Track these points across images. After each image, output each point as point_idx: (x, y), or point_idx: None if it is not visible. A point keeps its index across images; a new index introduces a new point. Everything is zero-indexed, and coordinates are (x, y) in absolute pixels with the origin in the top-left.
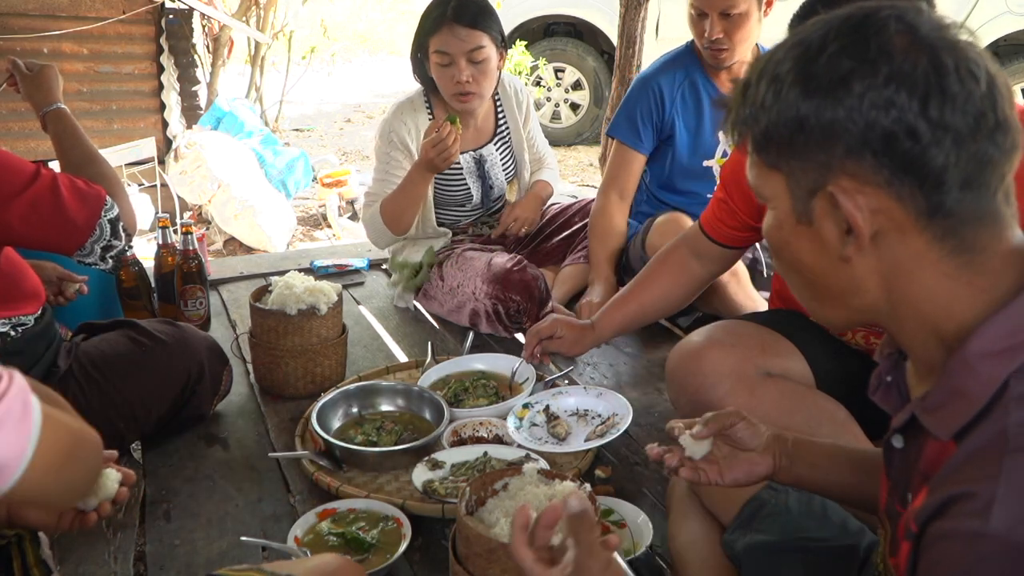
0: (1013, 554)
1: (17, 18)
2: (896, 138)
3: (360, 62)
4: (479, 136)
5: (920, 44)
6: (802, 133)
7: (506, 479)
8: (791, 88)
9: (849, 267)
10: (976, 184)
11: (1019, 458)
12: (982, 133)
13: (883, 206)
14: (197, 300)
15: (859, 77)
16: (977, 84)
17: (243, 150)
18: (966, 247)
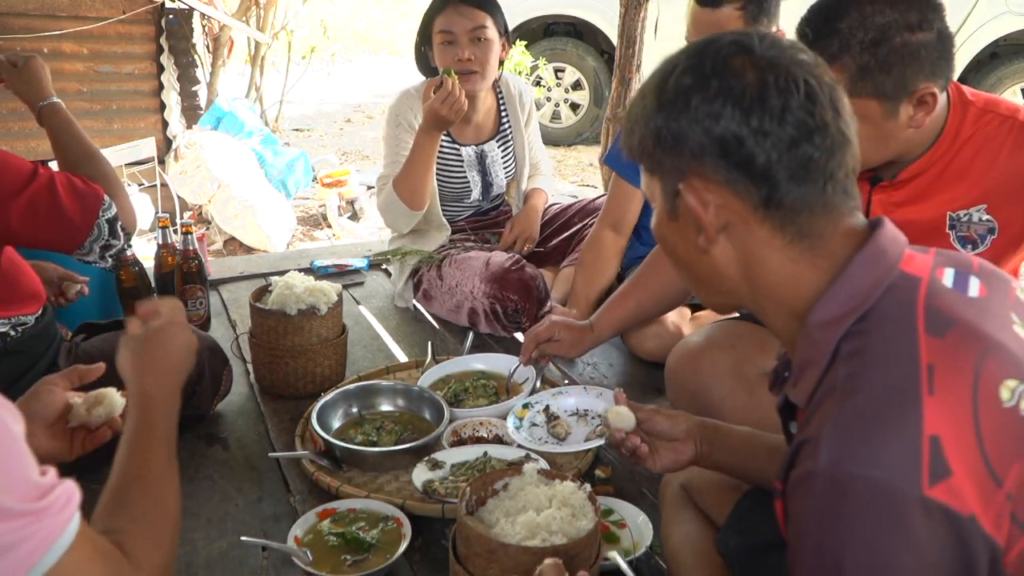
0: (837, 487)
1: (17, 18)
2: (727, 143)
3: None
4: (480, 132)
5: (749, 63)
6: (660, 142)
7: (506, 479)
8: (650, 103)
9: (709, 256)
10: (802, 179)
11: (843, 403)
12: (802, 136)
13: (725, 201)
14: (197, 300)
15: (695, 92)
16: (796, 95)
17: (243, 150)
18: (804, 234)
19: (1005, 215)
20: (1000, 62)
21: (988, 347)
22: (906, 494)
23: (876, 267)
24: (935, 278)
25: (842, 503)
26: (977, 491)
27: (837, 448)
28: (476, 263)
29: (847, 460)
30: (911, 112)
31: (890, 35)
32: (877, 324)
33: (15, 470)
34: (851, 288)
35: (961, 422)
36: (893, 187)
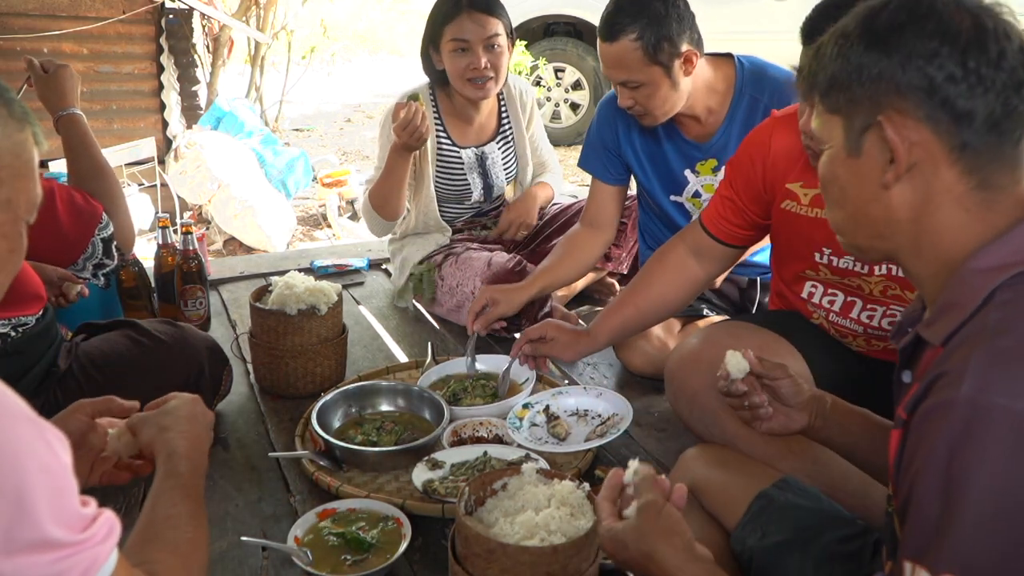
0: (978, 413)
1: (17, 18)
2: (938, 82)
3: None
4: (482, 133)
5: (965, 8)
6: (860, 75)
7: (506, 479)
8: (856, 42)
9: (887, 196)
10: (1002, 129)
11: (992, 342)
12: (1011, 86)
13: (922, 138)
14: (197, 300)
15: (911, 29)
16: (1010, 44)
17: (243, 150)
18: (986, 184)
19: None
20: None
21: None
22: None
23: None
24: None
25: (981, 428)
26: None
27: (982, 379)
28: (478, 264)
29: (991, 390)
30: None
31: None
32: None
33: (63, 501)
34: (1018, 243)
35: None
36: None
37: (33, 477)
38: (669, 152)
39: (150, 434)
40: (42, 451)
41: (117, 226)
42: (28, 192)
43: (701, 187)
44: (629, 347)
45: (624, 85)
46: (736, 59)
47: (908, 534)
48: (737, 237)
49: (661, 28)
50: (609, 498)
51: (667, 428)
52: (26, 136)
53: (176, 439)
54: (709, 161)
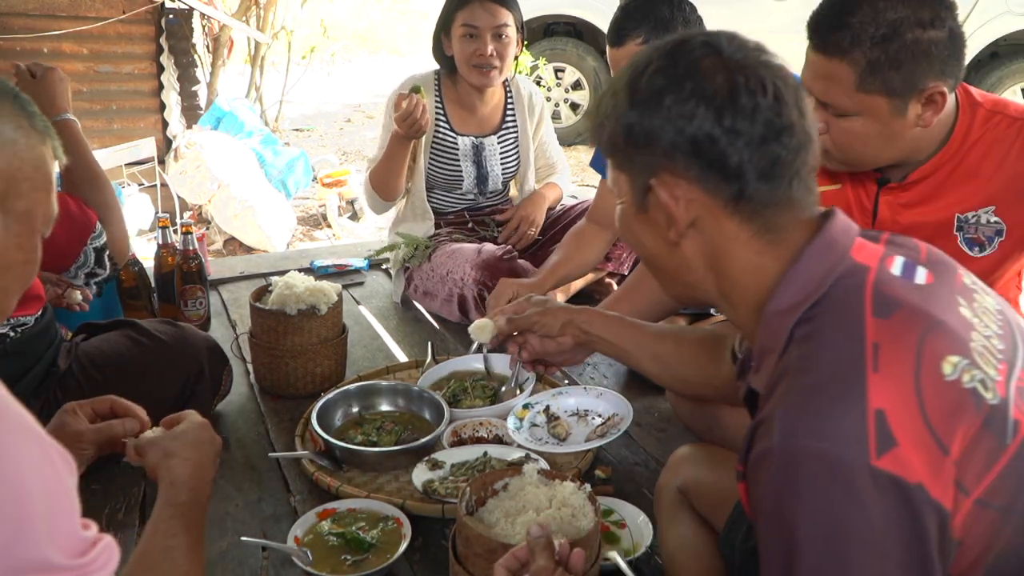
0: (790, 461)
1: (17, 18)
2: (700, 142)
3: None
4: (482, 124)
5: (720, 65)
6: (632, 138)
7: (506, 479)
8: (622, 101)
9: (679, 249)
10: (770, 177)
11: (793, 382)
12: (771, 136)
13: (696, 197)
14: (197, 300)
15: (668, 92)
16: (764, 96)
17: (243, 150)
18: (769, 227)
19: (1013, 217)
20: (1000, 62)
21: (931, 326)
22: (855, 464)
23: (827, 257)
24: (884, 267)
25: (795, 475)
26: (924, 460)
27: (789, 424)
28: (468, 251)
29: (798, 434)
30: (919, 111)
31: (901, 31)
32: (827, 309)
33: (65, 524)
34: (804, 277)
35: (905, 396)
36: (901, 188)
37: (34, 497)
38: None
39: (155, 458)
40: (46, 471)
41: (111, 235)
42: (46, 205)
43: None
44: None
45: None
46: None
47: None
48: None
49: (667, 31)
50: (507, 566)
51: (667, 428)
52: (47, 149)
53: (179, 467)
54: None
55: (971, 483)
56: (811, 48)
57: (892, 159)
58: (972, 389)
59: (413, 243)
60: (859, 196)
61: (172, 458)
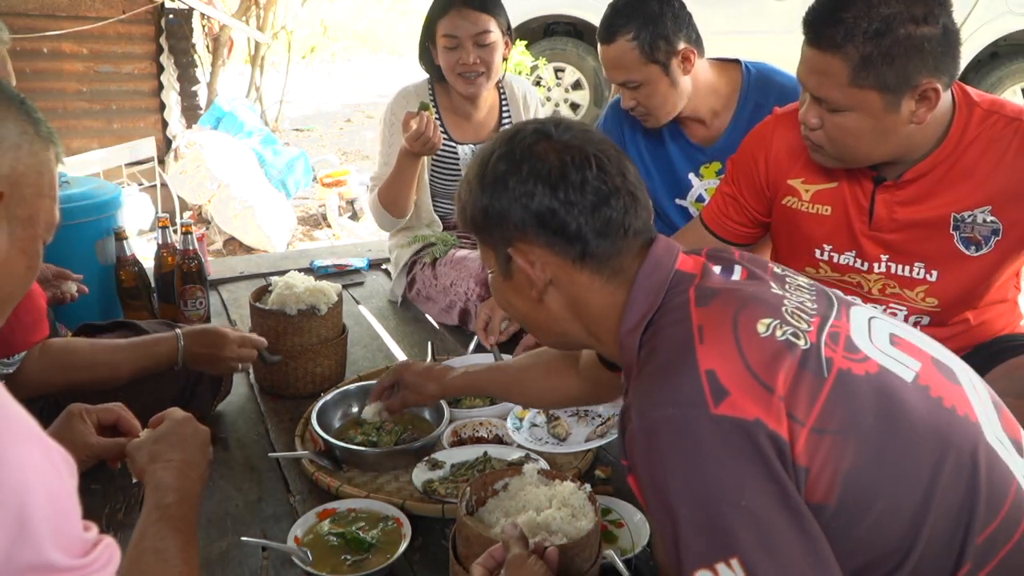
0: (648, 432)
1: (17, 18)
2: (542, 214)
3: (360, 62)
4: (479, 130)
5: (550, 147)
6: (487, 218)
7: (506, 479)
8: (475, 187)
9: (543, 305)
10: (606, 234)
11: (641, 373)
12: (600, 201)
13: (549, 259)
14: (197, 300)
15: (511, 175)
16: (590, 170)
17: (243, 150)
18: (615, 271)
19: (1010, 217)
20: (1000, 62)
21: (744, 302)
22: (699, 418)
23: (656, 275)
24: (707, 270)
25: (656, 443)
26: (755, 401)
27: (641, 403)
28: (472, 265)
29: (649, 408)
30: (913, 107)
31: (894, 26)
32: (663, 314)
33: (67, 526)
34: (642, 297)
35: (728, 355)
36: (897, 187)
37: (37, 499)
38: (674, 154)
39: (141, 463)
40: (48, 473)
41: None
42: (49, 212)
43: (705, 191)
44: None
45: (624, 86)
46: (743, 64)
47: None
48: (739, 235)
49: (656, 27)
50: (484, 564)
51: None
52: (50, 155)
53: (162, 471)
54: (713, 164)
55: (802, 414)
56: (805, 43)
57: (886, 156)
58: (785, 340)
59: (443, 239)
60: (855, 194)
61: (155, 462)
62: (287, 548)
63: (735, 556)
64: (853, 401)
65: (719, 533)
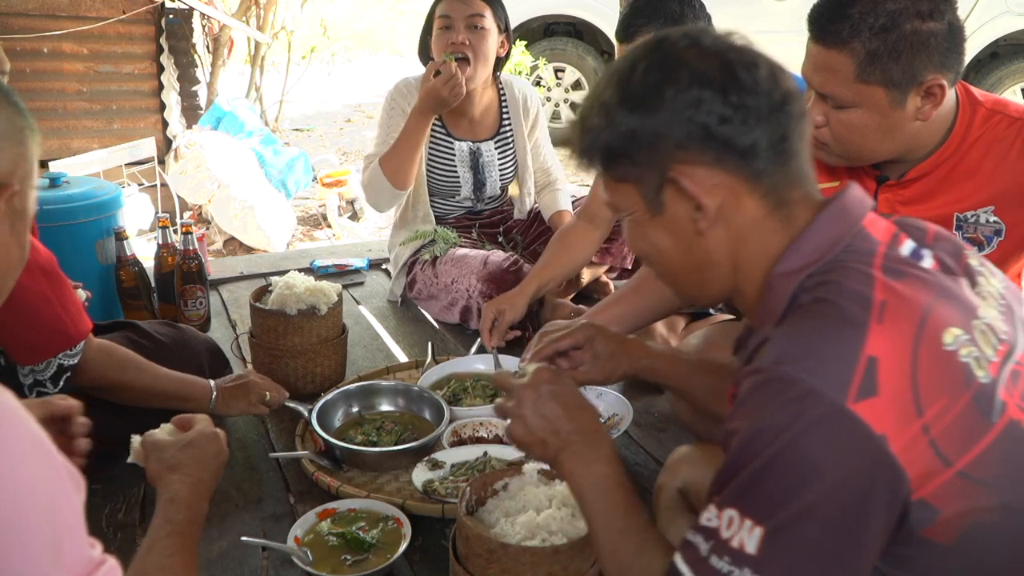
0: (772, 382)
1: (17, 18)
2: (711, 126)
3: (360, 62)
4: (477, 129)
5: (707, 51)
6: (635, 141)
7: (506, 479)
8: (616, 108)
9: (703, 241)
10: (780, 148)
11: (798, 320)
12: (775, 106)
13: (719, 180)
14: (197, 300)
15: (667, 84)
16: (759, 70)
17: (243, 150)
18: (782, 202)
19: (1012, 217)
20: (1000, 62)
21: (940, 295)
22: (830, 401)
23: (840, 223)
24: (894, 243)
25: (772, 396)
26: (896, 415)
27: (782, 350)
28: (474, 261)
29: (787, 361)
30: (919, 103)
31: (900, 22)
32: (837, 268)
33: (73, 545)
34: (813, 242)
35: (901, 350)
36: (900, 186)
37: (42, 516)
38: None
39: (158, 468)
40: (54, 488)
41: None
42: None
43: None
44: None
45: None
46: None
47: (715, 474)
48: None
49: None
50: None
51: (667, 428)
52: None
53: (179, 483)
54: None
55: (953, 454)
56: (811, 39)
57: (890, 153)
58: (966, 364)
59: (443, 236)
60: None
61: (175, 472)
62: (287, 548)
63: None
64: (1018, 458)
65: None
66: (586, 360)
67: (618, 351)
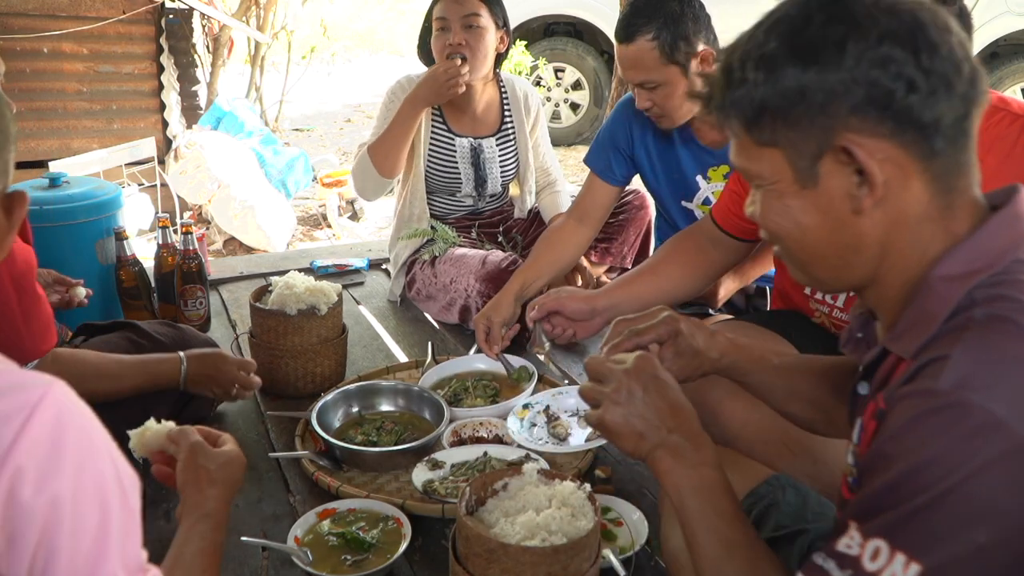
0: (953, 409)
1: (17, 18)
2: (896, 91)
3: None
4: (479, 125)
5: (895, 6)
6: (803, 102)
7: (506, 479)
8: (785, 62)
9: (858, 221)
10: (959, 129)
11: (980, 333)
12: (963, 79)
13: (890, 155)
14: (197, 300)
15: (853, 40)
16: (952, 35)
17: (243, 150)
18: (948, 189)
19: None
20: (1000, 62)
21: None
22: (1019, 438)
23: (1011, 230)
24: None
25: (949, 425)
26: None
27: (965, 374)
28: (472, 261)
29: (972, 388)
30: None
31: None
32: (1014, 286)
33: (131, 544)
34: (983, 247)
35: None
36: None
37: (114, 516)
38: (683, 156)
39: (193, 476)
40: (122, 490)
41: None
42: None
43: (712, 194)
44: None
45: (642, 86)
46: None
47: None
48: (746, 231)
49: (677, 27)
50: None
51: None
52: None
53: (215, 502)
54: (722, 167)
55: None
56: None
57: None
58: None
59: (443, 235)
60: None
61: (214, 487)
62: (287, 548)
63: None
64: None
65: (929, 538)
66: (667, 356)
67: (703, 348)
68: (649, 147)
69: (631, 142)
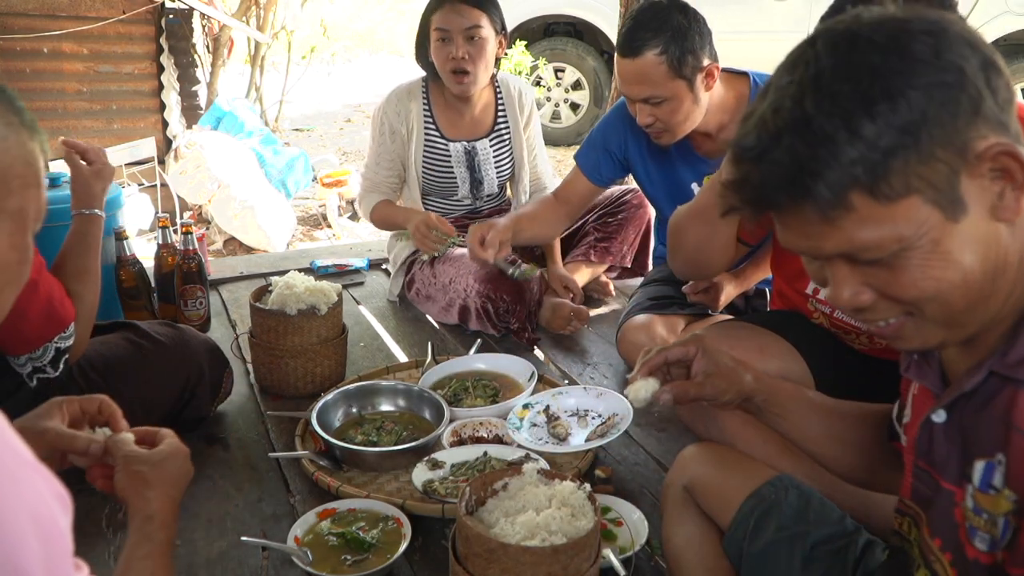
0: None
1: (17, 18)
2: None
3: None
4: (475, 128)
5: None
6: (924, 129)
7: (506, 479)
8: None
9: (1000, 236)
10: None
11: None
12: None
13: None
14: (197, 300)
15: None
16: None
17: (243, 150)
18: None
19: None
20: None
21: None
22: None
23: None
24: None
25: None
26: None
27: None
28: (471, 261)
29: None
30: None
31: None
32: None
33: (58, 568)
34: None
35: None
36: None
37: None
38: (679, 164)
39: (130, 483)
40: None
41: (77, 338)
42: (37, 202)
43: None
44: (632, 344)
45: (646, 102)
46: (751, 77)
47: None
48: (748, 233)
49: (685, 41)
50: None
51: (667, 428)
52: (36, 145)
53: (157, 502)
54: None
55: None
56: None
57: None
58: None
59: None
60: None
61: (151, 488)
62: (287, 548)
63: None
64: None
65: None
66: (699, 373)
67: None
68: (644, 153)
69: (625, 147)
